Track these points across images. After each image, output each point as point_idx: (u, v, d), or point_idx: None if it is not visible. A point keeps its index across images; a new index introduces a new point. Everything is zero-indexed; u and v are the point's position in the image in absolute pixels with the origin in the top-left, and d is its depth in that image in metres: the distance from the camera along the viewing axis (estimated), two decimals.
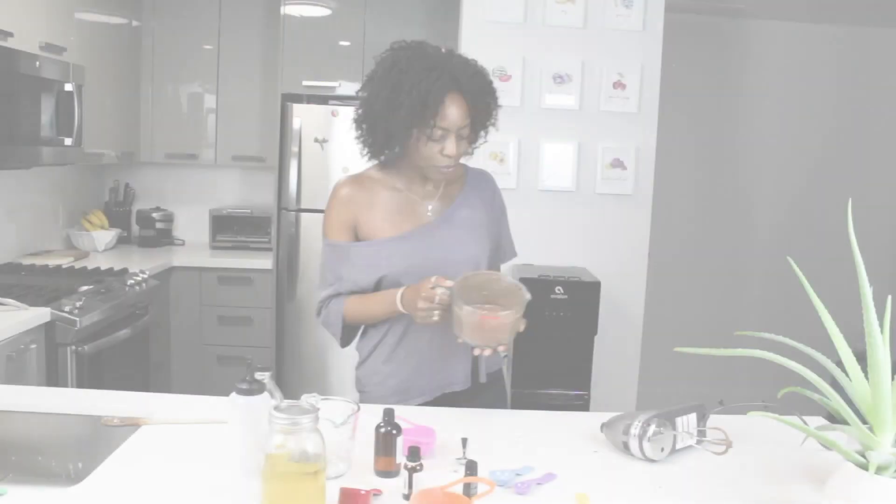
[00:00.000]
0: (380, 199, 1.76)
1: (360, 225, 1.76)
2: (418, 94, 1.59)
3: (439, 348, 1.74)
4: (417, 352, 1.76)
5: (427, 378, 1.76)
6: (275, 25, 3.88)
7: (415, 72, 1.60)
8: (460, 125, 1.64)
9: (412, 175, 1.76)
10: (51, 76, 2.83)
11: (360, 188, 1.77)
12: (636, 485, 1.33)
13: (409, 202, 1.76)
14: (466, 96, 1.63)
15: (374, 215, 1.75)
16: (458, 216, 1.77)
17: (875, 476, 1.03)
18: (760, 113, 4.55)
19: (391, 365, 1.79)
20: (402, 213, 1.75)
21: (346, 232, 1.77)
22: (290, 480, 1.07)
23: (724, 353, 1.15)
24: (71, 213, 3.90)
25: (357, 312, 1.78)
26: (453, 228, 1.75)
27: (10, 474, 1.57)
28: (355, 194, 1.76)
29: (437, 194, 1.78)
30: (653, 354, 3.71)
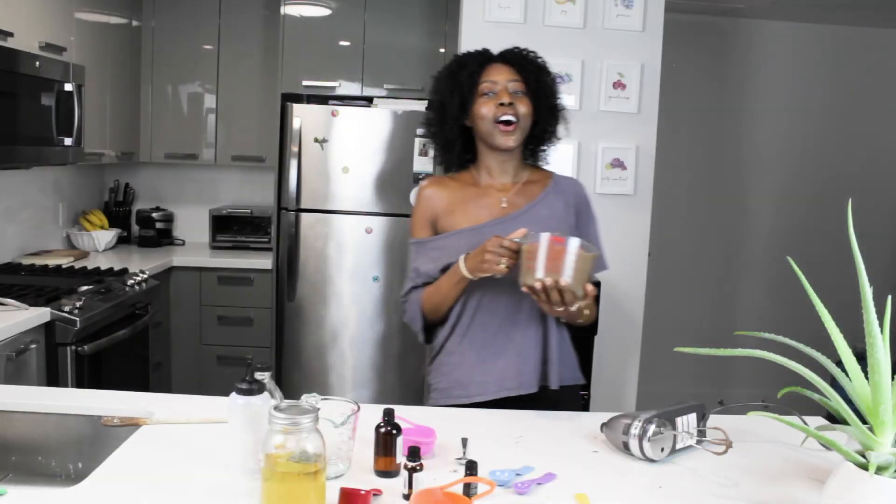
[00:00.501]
0: (457, 195, 1.80)
1: (439, 220, 1.80)
2: (457, 62, 1.78)
3: (508, 343, 1.71)
4: (485, 344, 1.73)
5: (489, 375, 1.73)
6: (275, 25, 3.88)
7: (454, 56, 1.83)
8: (508, 79, 1.72)
9: (491, 168, 1.80)
10: (51, 76, 2.83)
11: (440, 186, 1.82)
12: (636, 485, 1.33)
13: (484, 195, 1.79)
14: (511, 63, 1.75)
15: (451, 209, 1.79)
16: (536, 213, 1.76)
17: (875, 476, 1.03)
18: (760, 113, 4.56)
19: (455, 357, 1.77)
20: (477, 205, 1.78)
21: (426, 229, 1.82)
22: (290, 480, 1.07)
23: (724, 353, 1.15)
24: (71, 213, 3.90)
25: (431, 295, 1.77)
26: (527, 225, 1.72)
27: (10, 474, 1.57)
28: (435, 192, 1.82)
29: (514, 188, 1.79)
30: (653, 354, 3.71)
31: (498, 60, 1.77)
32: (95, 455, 1.49)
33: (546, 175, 1.85)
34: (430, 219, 1.81)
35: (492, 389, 1.73)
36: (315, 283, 3.66)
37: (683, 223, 4.58)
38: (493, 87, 1.72)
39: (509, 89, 1.72)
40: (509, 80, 1.73)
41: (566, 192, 1.82)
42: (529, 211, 1.76)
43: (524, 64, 1.76)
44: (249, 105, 4.06)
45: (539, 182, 1.82)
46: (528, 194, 1.79)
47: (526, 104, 1.73)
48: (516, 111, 1.71)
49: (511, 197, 1.78)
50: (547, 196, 1.79)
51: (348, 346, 3.68)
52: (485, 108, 1.72)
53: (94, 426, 1.56)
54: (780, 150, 4.59)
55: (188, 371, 3.82)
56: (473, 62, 1.76)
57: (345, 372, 3.70)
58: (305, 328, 3.68)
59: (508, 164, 1.79)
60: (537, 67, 1.77)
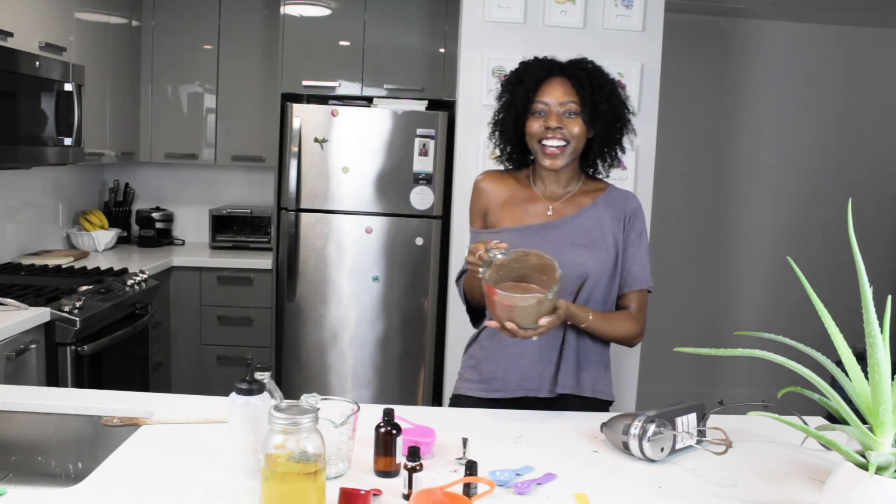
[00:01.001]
0: (508, 193, 1.82)
1: (489, 214, 1.84)
2: (515, 75, 1.78)
3: (529, 345, 1.71)
4: (511, 342, 1.72)
5: (512, 373, 1.75)
6: (275, 25, 3.88)
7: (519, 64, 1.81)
8: (561, 100, 1.72)
9: (543, 176, 1.81)
10: (51, 76, 2.83)
11: (495, 181, 1.86)
12: (636, 485, 1.33)
13: (532, 199, 1.80)
14: (571, 79, 1.73)
15: (500, 206, 1.82)
16: (580, 223, 1.76)
17: (875, 476, 1.03)
18: (760, 113, 4.56)
19: (485, 350, 1.80)
20: (524, 208, 1.80)
21: (478, 219, 1.86)
22: (290, 480, 1.07)
23: (724, 353, 1.15)
24: (71, 213, 3.90)
25: (468, 284, 1.82)
26: (570, 234, 1.75)
27: (10, 474, 1.57)
28: (489, 186, 1.85)
29: (563, 198, 1.79)
30: (653, 354, 3.71)
31: (557, 74, 1.74)
32: (95, 455, 1.50)
33: (601, 187, 1.84)
34: (482, 211, 1.85)
35: (512, 387, 1.75)
36: (315, 283, 3.66)
37: (683, 223, 4.58)
38: (545, 107, 1.72)
39: (561, 111, 1.71)
40: (562, 100, 1.71)
41: (616, 205, 1.80)
42: (573, 220, 1.77)
43: (583, 82, 1.73)
44: (249, 105, 4.06)
45: (591, 193, 1.81)
46: (576, 204, 1.79)
47: (578, 125, 1.72)
48: (564, 135, 1.71)
49: (558, 205, 1.79)
50: (595, 207, 1.79)
51: (348, 346, 3.68)
52: (534, 127, 1.73)
53: (94, 426, 1.57)
54: (779, 150, 4.59)
55: (188, 371, 3.82)
56: (531, 78, 1.74)
57: (345, 372, 3.70)
58: (305, 328, 3.68)
59: (560, 174, 1.79)
60: (598, 86, 1.74)
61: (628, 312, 1.79)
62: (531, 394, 1.74)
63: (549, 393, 1.74)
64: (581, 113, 1.72)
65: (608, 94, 1.75)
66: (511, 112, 1.77)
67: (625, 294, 1.80)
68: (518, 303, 1.52)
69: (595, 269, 1.73)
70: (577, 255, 1.72)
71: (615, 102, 1.76)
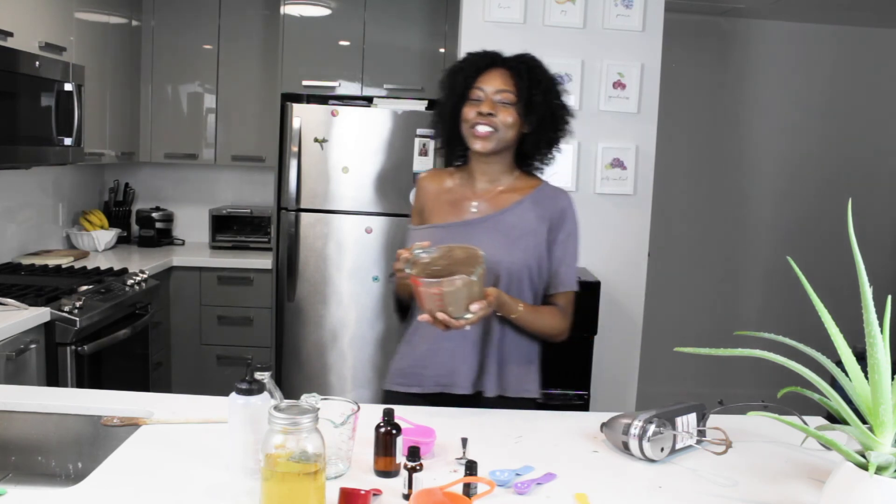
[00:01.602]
0: (442, 191, 1.85)
1: (425, 212, 1.87)
2: (458, 64, 1.82)
3: (447, 342, 1.73)
4: (430, 339, 1.75)
5: (429, 369, 1.76)
6: (275, 25, 3.88)
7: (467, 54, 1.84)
8: (497, 87, 1.73)
9: (474, 171, 1.82)
10: (51, 76, 2.83)
11: (433, 179, 1.89)
12: (636, 485, 1.33)
13: (460, 197, 1.82)
14: (510, 70, 1.75)
15: (433, 204, 1.85)
16: (501, 221, 1.76)
17: (875, 476, 1.03)
18: (760, 113, 4.56)
19: (407, 347, 1.83)
20: (452, 205, 1.82)
21: (417, 217, 1.90)
22: (290, 480, 1.07)
23: (724, 353, 1.15)
24: (71, 213, 3.90)
25: (398, 284, 1.84)
26: (490, 231, 1.75)
27: (10, 474, 1.57)
28: (427, 184, 1.89)
29: (488, 195, 1.80)
30: (653, 354, 3.71)
31: (497, 66, 1.76)
32: (95, 455, 1.50)
33: (533, 184, 1.82)
34: (420, 209, 1.88)
35: (428, 383, 1.77)
36: (315, 283, 3.65)
37: (683, 223, 4.58)
38: (480, 94, 1.74)
39: (495, 99, 1.73)
40: (499, 89, 1.73)
41: (545, 203, 1.78)
42: (495, 218, 1.77)
43: (522, 74, 1.74)
44: (249, 105, 4.06)
45: (520, 190, 1.80)
46: (501, 202, 1.79)
47: (511, 115, 1.73)
48: (495, 122, 1.71)
49: (484, 203, 1.79)
50: (520, 205, 1.78)
51: (348, 346, 3.68)
52: (468, 113, 1.75)
53: (94, 426, 1.57)
54: (779, 150, 4.59)
55: (188, 371, 3.82)
56: (471, 66, 1.77)
57: (345, 372, 3.70)
58: (305, 328, 3.68)
59: (490, 167, 1.79)
60: (536, 80, 1.75)
61: (557, 308, 1.80)
62: (446, 390, 1.74)
63: (466, 390, 1.73)
64: (516, 104, 1.73)
65: (545, 89, 1.76)
66: (450, 100, 1.78)
67: (552, 295, 1.80)
68: (444, 287, 1.51)
69: (510, 267, 1.71)
70: (493, 254, 1.69)
71: (551, 98, 1.77)
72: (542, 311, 1.77)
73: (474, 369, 1.74)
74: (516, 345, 1.78)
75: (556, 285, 1.79)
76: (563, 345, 3.00)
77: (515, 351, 1.78)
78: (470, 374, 1.74)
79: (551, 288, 1.79)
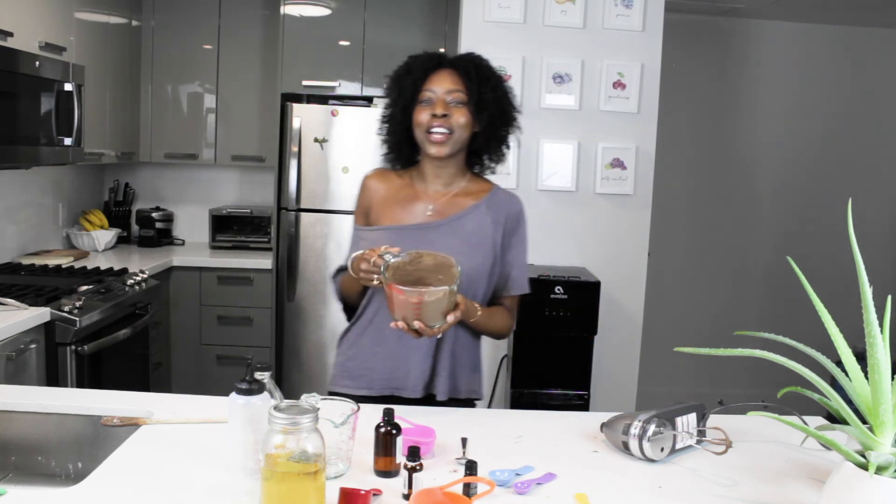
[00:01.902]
0: (392, 192, 1.81)
1: (371, 212, 1.83)
2: (405, 66, 1.77)
3: (400, 346, 1.72)
4: (379, 342, 1.75)
5: (379, 372, 1.75)
6: (275, 25, 3.88)
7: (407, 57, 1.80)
8: (448, 88, 1.72)
9: (426, 174, 1.80)
10: (51, 76, 2.83)
11: (381, 179, 1.85)
12: (636, 485, 1.33)
13: (414, 199, 1.79)
14: (459, 70, 1.74)
15: (382, 205, 1.81)
16: (460, 226, 1.76)
17: (875, 476, 1.03)
18: (760, 112, 4.56)
19: (353, 349, 1.81)
20: (404, 208, 1.79)
21: (362, 217, 1.85)
22: (290, 480, 1.07)
23: (724, 353, 1.15)
24: (71, 213, 3.90)
25: (343, 283, 1.84)
26: (448, 236, 1.74)
27: (10, 474, 1.57)
28: (374, 184, 1.84)
29: (444, 197, 1.78)
30: (653, 354, 3.71)
31: (445, 66, 1.75)
32: (95, 455, 1.50)
33: (485, 188, 1.82)
34: (366, 208, 1.84)
35: (378, 386, 1.75)
36: (315, 283, 3.65)
37: (683, 223, 4.58)
38: (432, 95, 1.72)
39: (447, 99, 1.71)
40: (450, 89, 1.72)
41: (499, 208, 1.79)
42: (453, 222, 1.76)
43: (471, 73, 1.73)
44: (249, 105, 4.06)
45: (474, 194, 1.80)
46: (457, 205, 1.78)
47: (464, 115, 1.72)
48: (450, 123, 1.71)
49: (439, 206, 1.78)
50: (477, 209, 1.78)
51: None
52: (421, 116, 1.72)
53: (94, 426, 1.57)
54: (779, 150, 4.59)
55: (188, 371, 3.82)
56: (420, 68, 1.74)
57: None
58: (305, 328, 3.68)
59: (443, 170, 1.78)
60: (484, 78, 1.75)
61: (505, 308, 1.82)
62: (396, 393, 1.74)
63: (417, 394, 1.73)
64: (467, 103, 1.72)
65: (494, 86, 1.76)
66: (399, 103, 1.76)
67: (502, 297, 1.81)
68: (426, 298, 1.50)
69: (470, 272, 1.70)
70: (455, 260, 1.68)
71: (500, 95, 1.77)
72: (494, 313, 1.79)
73: (426, 373, 1.73)
74: (468, 348, 1.79)
75: (510, 288, 1.81)
76: (563, 345, 3.02)
77: (466, 354, 1.79)
78: (422, 377, 1.73)
79: (504, 290, 1.81)
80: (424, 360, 1.73)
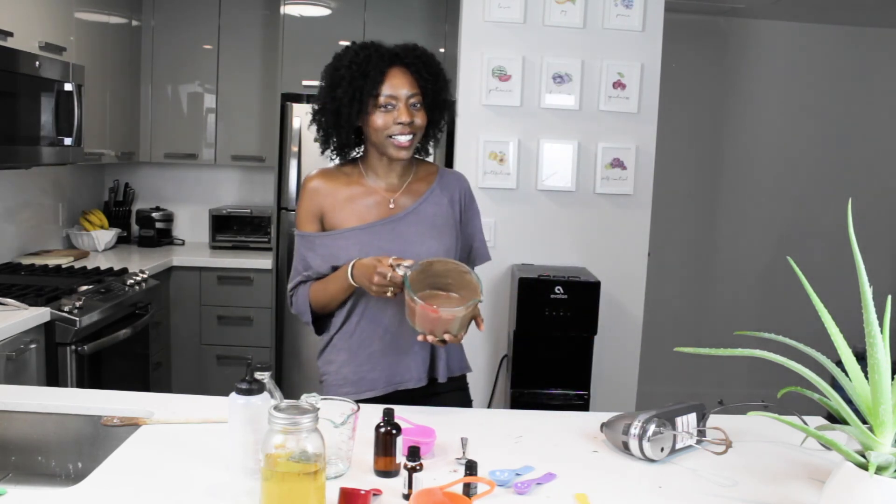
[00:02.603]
0: (345, 192, 1.79)
1: (326, 216, 1.78)
2: (358, 67, 1.69)
3: (394, 341, 1.74)
4: (372, 342, 1.76)
5: (379, 371, 1.75)
6: (275, 25, 3.88)
7: (352, 51, 1.74)
8: (409, 93, 1.71)
9: (378, 169, 1.79)
10: (51, 76, 2.83)
11: (328, 180, 1.80)
12: (636, 485, 1.33)
13: (372, 195, 1.78)
14: (410, 69, 1.72)
15: (338, 207, 1.78)
16: (423, 212, 1.78)
17: (875, 476, 1.03)
18: (760, 113, 4.56)
19: (344, 353, 1.79)
20: (366, 205, 1.78)
21: (313, 223, 1.80)
22: (290, 480, 1.07)
23: (724, 353, 1.15)
24: (71, 213, 3.90)
25: (319, 294, 1.79)
26: (415, 224, 1.76)
27: (10, 474, 1.57)
28: (322, 186, 1.79)
29: (401, 188, 1.79)
30: (653, 354, 3.71)
31: (398, 64, 1.72)
32: (95, 455, 1.50)
33: (432, 170, 1.86)
34: (317, 213, 1.78)
35: (381, 385, 1.75)
36: None
37: (683, 223, 4.58)
38: (392, 100, 1.69)
39: (409, 103, 1.70)
40: (409, 92, 1.70)
41: (451, 187, 1.83)
42: (416, 210, 1.77)
43: (422, 71, 1.73)
44: (249, 105, 4.06)
45: (425, 179, 1.83)
46: (414, 193, 1.80)
47: (422, 116, 1.73)
48: (414, 128, 1.71)
49: (398, 197, 1.79)
50: (433, 193, 1.81)
51: None
52: (381, 121, 1.69)
53: (94, 426, 1.57)
54: (779, 150, 4.59)
55: (188, 371, 3.82)
56: (375, 70, 1.69)
57: None
58: (305, 328, 3.65)
59: (396, 164, 1.78)
60: (435, 74, 1.75)
61: None
62: (401, 387, 1.75)
63: (419, 383, 1.75)
64: (424, 103, 1.73)
65: (444, 81, 1.77)
66: (355, 104, 1.69)
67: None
68: (458, 314, 1.54)
69: (445, 254, 1.74)
70: (428, 245, 1.73)
71: (447, 89, 1.79)
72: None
73: (426, 360, 1.76)
74: None
75: (474, 259, 1.88)
76: (563, 345, 3.01)
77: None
78: (424, 365, 1.75)
79: (469, 263, 1.84)
80: (423, 348, 1.74)
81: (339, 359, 1.80)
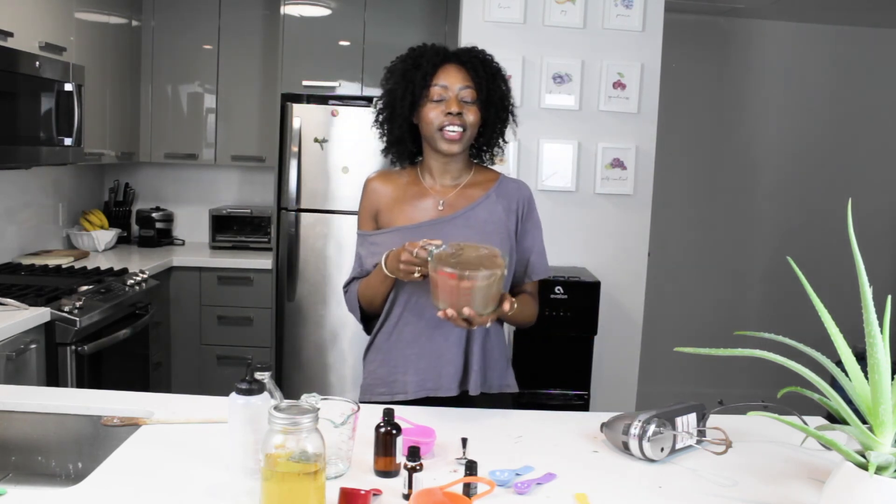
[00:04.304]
0: (399, 192, 1.80)
1: (380, 215, 1.81)
2: (412, 60, 1.73)
3: (430, 345, 1.72)
4: (406, 344, 1.75)
5: (412, 375, 1.74)
6: (275, 25, 3.88)
7: (410, 49, 1.78)
8: (461, 85, 1.71)
9: (433, 169, 1.79)
10: (51, 76, 2.83)
11: (384, 181, 1.83)
12: (636, 485, 1.33)
13: (425, 196, 1.78)
14: (466, 66, 1.73)
15: (391, 206, 1.79)
16: (473, 217, 1.75)
17: (875, 476, 1.03)
18: (760, 113, 4.56)
19: (382, 354, 1.80)
20: (416, 205, 1.78)
21: (370, 221, 1.83)
22: (290, 480, 1.07)
23: (724, 353, 1.15)
24: (71, 213, 3.90)
25: (364, 289, 1.80)
26: (463, 228, 1.73)
27: (10, 474, 1.57)
28: (379, 186, 1.82)
29: (453, 191, 1.78)
30: (653, 354, 3.71)
31: (453, 61, 1.73)
32: (95, 455, 1.50)
33: (492, 177, 1.83)
34: (373, 212, 1.81)
35: (412, 389, 1.74)
36: (315, 283, 3.66)
37: (683, 223, 4.58)
38: (444, 92, 1.70)
39: (460, 97, 1.70)
40: (462, 86, 1.70)
41: (509, 196, 1.79)
42: (466, 214, 1.76)
43: (478, 69, 1.73)
44: (249, 105, 4.06)
45: (482, 185, 1.80)
46: (467, 197, 1.78)
47: (474, 112, 1.72)
48: (464, 121, 1.70)
49: (450, 199, 1.78)
50: (488, 199, 1.78)
51: (348, 346, 3.68)
52: (433, 114, 1.70)
53: (94, 426, 1.57)
54: (779, 150, 4.59)
55: (188, 371, 3.82)
56: (428, 63, 1.71)
57: (345, 372, 3.70)
58: (305, 328, 3.68)
59: (451, 165, 1.78)
60: (492, 74, 1.75)
61: (528, 295, 1.81)
62: (431, 394, 1.73)
63: (453, 392, 1.72)
64: (476, 100, 1.72)
65: (500, 82, 1.77)
66: (407, 96, 1.71)
67: (523, 283, 1.82)
68: (478, 282, 1.49)
69: None
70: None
71: (506, 91, 1.78)
72: (524, 302, 1.78)
73: (460, 370, 1.73)
74: (498, 340, 1.80)
75: (530, 274, 1.82)
76: (562, 345, 3.02)
77: (497, 346, 1.79)
78: (456, 374, 1.72)
79: (525, 277, 1.81)
80: (457, 357, 1.72)
81: (378, 358, 1.80)
